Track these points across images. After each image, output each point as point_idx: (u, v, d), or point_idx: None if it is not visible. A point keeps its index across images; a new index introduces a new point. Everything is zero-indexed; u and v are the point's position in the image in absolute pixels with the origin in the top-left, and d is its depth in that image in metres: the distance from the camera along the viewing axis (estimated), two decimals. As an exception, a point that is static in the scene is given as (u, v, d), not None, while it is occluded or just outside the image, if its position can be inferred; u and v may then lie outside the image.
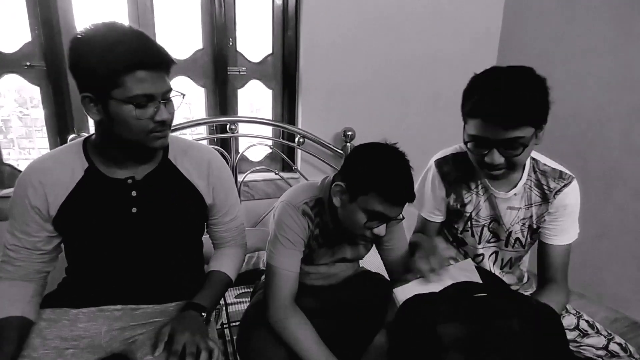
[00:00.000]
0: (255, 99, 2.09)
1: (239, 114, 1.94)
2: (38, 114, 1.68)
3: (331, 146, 1.95)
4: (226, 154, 1.80)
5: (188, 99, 0.93)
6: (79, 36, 0.78)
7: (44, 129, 1.64)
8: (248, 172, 1.90)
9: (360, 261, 1.28)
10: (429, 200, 1.17)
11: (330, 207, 1.00)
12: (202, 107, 1.90)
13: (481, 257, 1.16)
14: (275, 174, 1.94)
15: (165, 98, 0.84)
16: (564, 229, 1.05)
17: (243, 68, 1.89)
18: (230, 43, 1.84)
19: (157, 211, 0.93)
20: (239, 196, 1.64)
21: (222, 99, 1.86)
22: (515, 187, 1.04)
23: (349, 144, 1.94)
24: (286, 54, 1.92)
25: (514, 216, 1.07)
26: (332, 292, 1.16)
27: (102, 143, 0.89)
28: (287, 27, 1.88)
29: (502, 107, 0.84)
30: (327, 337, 0.99)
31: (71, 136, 1.57)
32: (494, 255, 1.16)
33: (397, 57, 2.05)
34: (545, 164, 1.05)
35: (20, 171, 1.63)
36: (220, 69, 1.83)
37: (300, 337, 0.95)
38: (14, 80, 1.58)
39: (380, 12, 1.95)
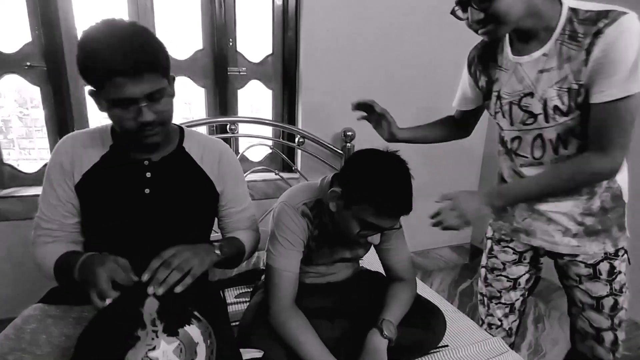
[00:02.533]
0: (255, 99, 2.09)
1: (239, 114, 1.94)
2: (38, 114, 1.68)
3: (331, 146, 1.95)
4: (226, 154, 1.80)
5: (188, 99, 0.93)
6: (80, 37, 0.80)
7: (44, 129, 1.64)
8: (248, 172, 1.90)
9: (360, 261, 1.28)
10: (459, 90, 1.24)
11: (329, 208, 1.00)
12: (202, 108, 1.90)
13: (517, 142, 1.01)
14: (275, 174, 1.94)
15: (151, 99, 0.83)
16: (611, 81, 0.80)
17: (243, 68, 1.89)
18: (230, 43, 1.84)
19: (169, 194, 0.96)
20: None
21: (222, 99, 1.86)
22: (545, 45, 0.88)
23: (348, 144, 1.94)
24: (286, 54, 1.92)
25: (545, 79, 0.90)
26: (332, 292, 1.16)
27: None
28: (287, 28, 1.88)
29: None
30: (327, 337, 0.99)
31: (71, 136, 1.57)
32: (538, 139, 0.97)
33: (397, 57, 2.05)
34: (588, 10, 0.83)
35: (20, 171, 1.65)
36: (220, 69, 1.83)
37: (300, 338, 0.95)
38: (14, 81, 1.58)
39: (380, 12, 1.95)
